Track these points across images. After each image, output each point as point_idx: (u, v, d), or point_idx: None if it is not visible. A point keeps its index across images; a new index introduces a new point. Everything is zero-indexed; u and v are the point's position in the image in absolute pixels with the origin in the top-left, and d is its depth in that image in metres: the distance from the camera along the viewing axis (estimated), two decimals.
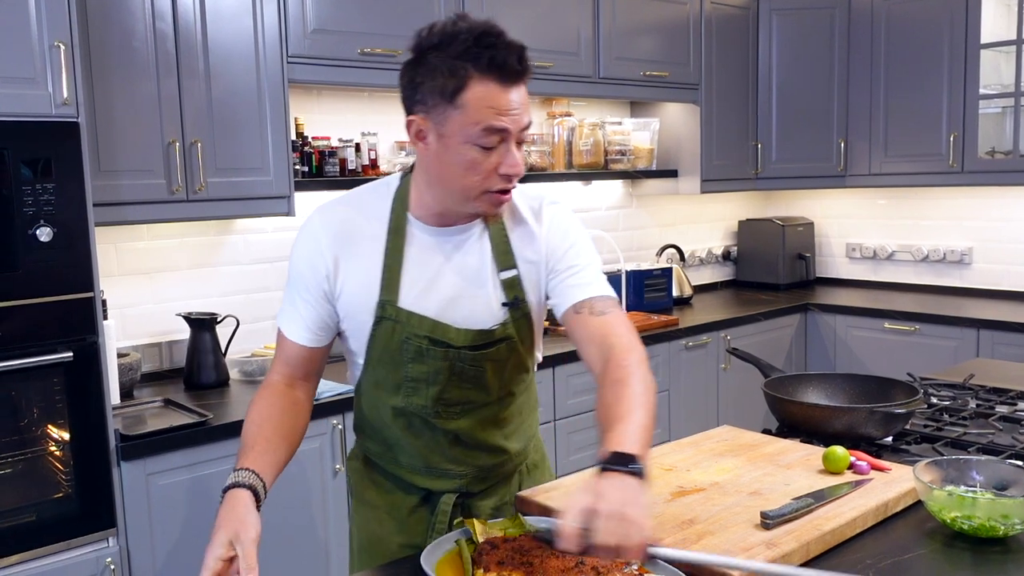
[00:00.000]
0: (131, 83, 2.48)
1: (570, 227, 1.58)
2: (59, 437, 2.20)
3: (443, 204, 1.49)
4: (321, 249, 1.51)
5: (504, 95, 1.37)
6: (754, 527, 1.37)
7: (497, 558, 1.27)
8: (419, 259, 1.51)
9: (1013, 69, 3.83)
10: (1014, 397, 2.25)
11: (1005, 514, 1.37)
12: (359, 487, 1.71)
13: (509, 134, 1.39)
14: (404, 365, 1.52)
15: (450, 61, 1.36)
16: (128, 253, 2.86)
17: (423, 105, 1.40)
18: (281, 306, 1.60)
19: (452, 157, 1.40)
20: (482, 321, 1.52)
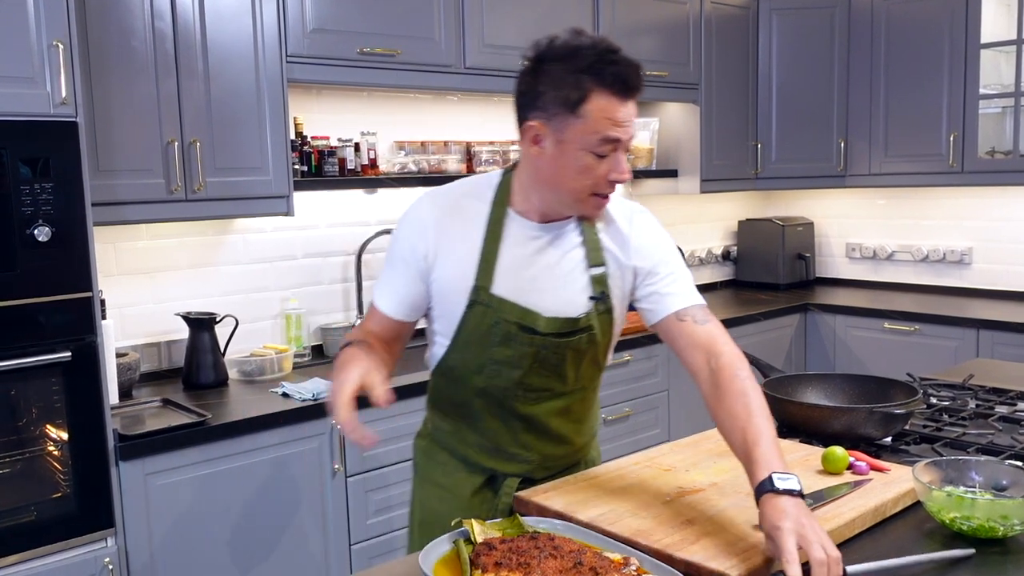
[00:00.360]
0: (130, 83, 2.47)
1: (663, 237, 1.70)
2: (57, 437, 2.20)
3: (547, 203, 1.60)
4: (425, 231, 1.61)
5: (621, 108, 1.48)
6: (753, 528, 1.37)
7: (495, 559, 1.26)
8: (514, 250, 1.61)
9: (1013, 69, 3.82)
10: (1014, 397, 2.25)
11: (1004, 515, 1.37)
12: (424, 466, 1.81)
13: (621, 144, 1.50)
14: (491, 348, 1.61)
15: (574, 74, 1.46)
16: (127, 253, 2.86)
17: (543, 112, 1.50)
18: (376, 284, 1.70)
19: (568, 161, 1.50)
20: (568, 311, 1.62)
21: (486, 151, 3.53)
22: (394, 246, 1.67)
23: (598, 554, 1.29)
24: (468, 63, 3.20)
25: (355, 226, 3.38)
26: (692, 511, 1.45)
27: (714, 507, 1.47)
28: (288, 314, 3.17)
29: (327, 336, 3.26)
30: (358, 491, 2.71)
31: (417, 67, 3.07)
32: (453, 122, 3.61)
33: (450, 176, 3.42)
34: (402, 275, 1.64)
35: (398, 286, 1.65)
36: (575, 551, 1.28)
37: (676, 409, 3.75)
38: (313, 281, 3.30)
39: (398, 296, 1.65)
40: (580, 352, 1.64)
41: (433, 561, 1.31)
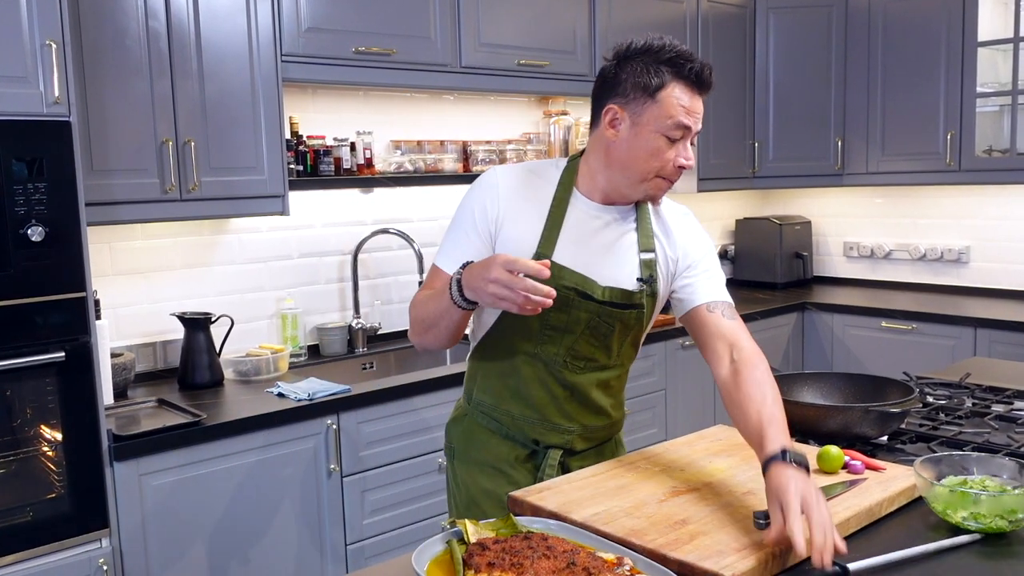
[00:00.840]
0: (124, 82, 2.47)
1: (706, 237, 1.84)
2: (52, 437, 2.19)
3: (613, 185, 1.72)
4: (498, 196, 1.72)
5: (694, 100, 1.64)
6: (747, 527, 1.36)
7: (488, 559, 1.26)
8: (576, 226, 1.73)
9: (1010, 67, 3.82)
10: (1010, 396, 2.25)
11: (1012, 509, 1.37)
12: (464, 448, 1.87)
13: (690, 132, 1.64)
14: (547, 313, 1.65)
15: (656, 64, 1.62)
16: (122, 252, 2.85)
17: (622, 97, 1.65)
18: (441, 245, 1.77)
19: (641, 143, 1.64)
20: (621, 283, 1.73)
21: (482, 150, 3.53)
22: (463, 209, 1.76)
23: (592, 554, 1.28)
24: (464, 62, 3.19)
25: (351, 225, 3.37)
26: (686, 511, 1.44)
27: (709, 507, 1.46)
28: (284, 314, 3.16)
29: (323, 336, 3.26)
30: (354, 491, 2.70)
31: (413, 66, 3.06)
32: (449, 121, 3.60)
33: (446, 176, 3.42)
34: (469, 237, 1.72)
35: (465, 247, 1.72)
36: (568, 551, 1.27)
37: (673, 409, 3.75)
38: (309, 281, 3.29)
39: (465, 257, 1.68)
40: (627, 327, 1.76)
41: (426, 561, 1.31)
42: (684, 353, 3.76)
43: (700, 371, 3.85)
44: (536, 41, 3.40)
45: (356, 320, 3.33)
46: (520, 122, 3.84)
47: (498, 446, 1.82)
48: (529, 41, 3.38)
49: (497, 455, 1.82)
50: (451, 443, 1.92)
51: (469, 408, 1.88)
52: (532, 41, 3.39)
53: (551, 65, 3.45)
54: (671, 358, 3.72)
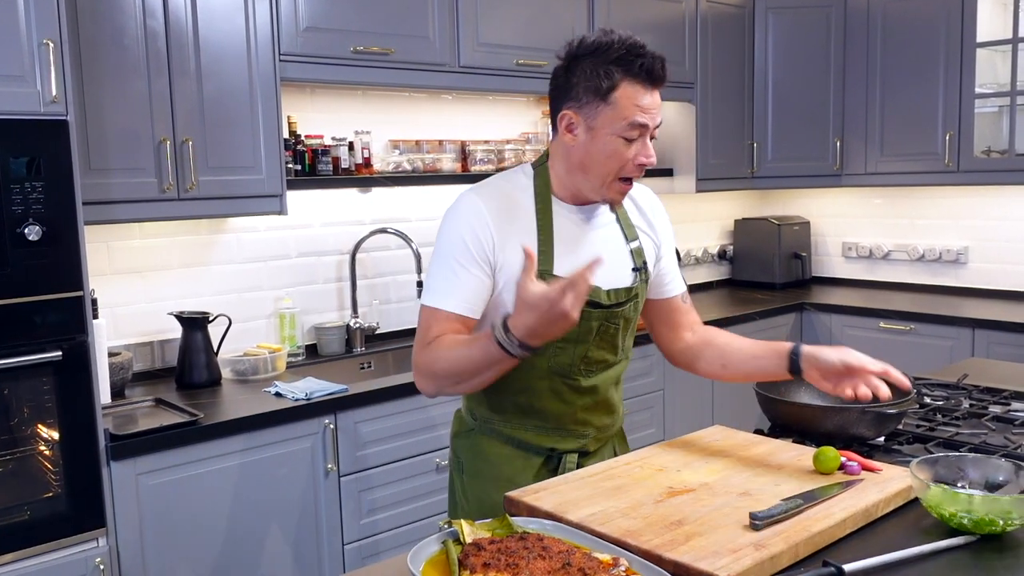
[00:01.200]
0: (122, 81, 2.47)
1: (668, 219, 1.92)
2: (48, 436, 2.19)
3: (579, 188, 1.72)
4: (486, 221, 1.66)
5: (648, 96, 1.63)
6: (743, 528, 1.36)
7: (483, 559, 1.26)
8: (566, 232, 1.73)
9: (1009, 68, 3.82)
10: (1007, 397, 2.24)
11: (1006, 510, 1.37)
12: (473, 463, 1.85)
13: (648, 129, 1.64)
14: None
15: (605, 65, 1.61)
16: (120, 252, 2.85)
17: (576, 102, 1.64)
18: (430, 285, 1.68)
19: (598, 146, 1.64)
20: (623, 282, 1.77)
21: (481, 150, 3.53)
22: (450, 243, 1.66)
23: (587, 555, 1.28)
24: (463, 62, 3.19)
25: (349, 225, 3.37)
26: (682, 511, 1.44)
27: (705, 507, 1.46)
28: (282, 313, 3.16)
29: (321, 335, 3.26)
30: (351, 491, 2.70)
31: (411, 66, 3.06)
32: (448, 121, 3.60)
33: (445, 175, 3.42)
34: (469, 270, 1.66)
35: (465, 282, 1.65)
36: (564, 552, 1.27)
37: (671, 409, 3.74)
38: (307, 280, 3.29)
39: (465, 293, 1.65)
40: (628, 321, 1.80)
41: (422, 561, 1.31)
42: None
43: None
44: (535, 41, 3.40)
45: (354, 320, 3.33)
46: (518, 122, 3.83)
47: (511, 460, 1.81)
48: (528, 41, 3.38)
49: (512, 469, 1.80)
50: (458, 457, 1.90)
51: (476, 424, 1.86)
52: (531, 41, 3.39)
53: (550, 65, 3.41)
54: None
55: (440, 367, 1.63)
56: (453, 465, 1.92)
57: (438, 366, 1.63)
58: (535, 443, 1.80)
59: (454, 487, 1.93)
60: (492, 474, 1.80)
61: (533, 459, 1.81)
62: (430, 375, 1.66)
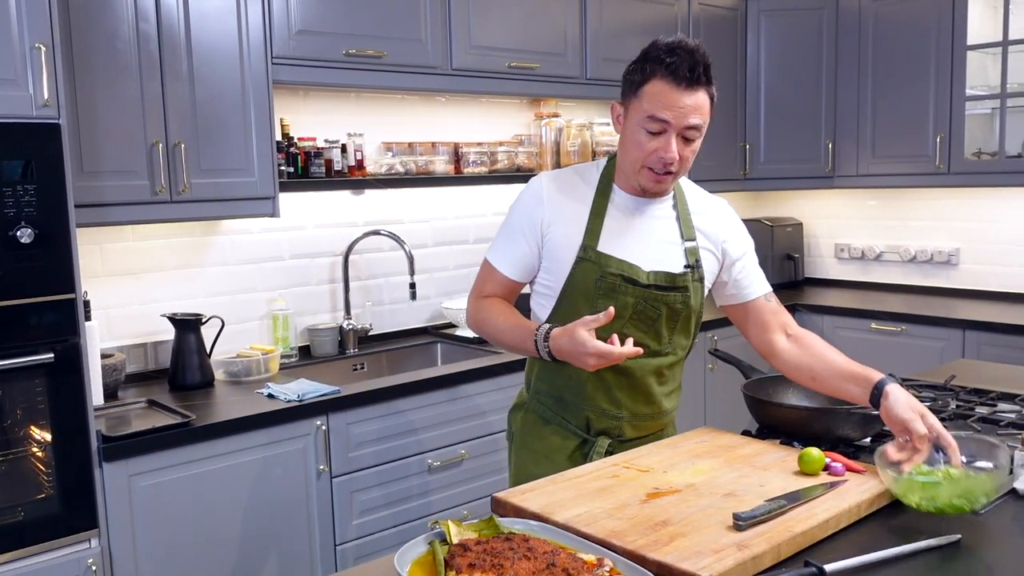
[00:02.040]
0: (114, 84, 2.47)
1: (744, 228, 2.03)
2: (41, 438, 2.20)
3: (625, 173, 1.86)
4: (541, 201, 1.88)
5: (674, 94, 1.73)
6: (726, 529, 1.38)
7: (469, 560, 1.27)
8: (618, 216, 1.88)
9: (999, 70, 3.84)
10: (994, 398, 2.26)
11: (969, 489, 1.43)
12: (521, 435, 2.02)
13: (670, 126, 1.74)
14: (595, 300, 1.83)
15: (643, 62, 1.77)
16: (113, 254, 2.86)
17: (623, 95, 1.83)
18: (493, 244, 1.96)
19: (628, 136, 1.81)
20: (666, 266, 1.87)
21: (474, 152, 3.54)
22: (513, 214, 1.93)
23: (572, 555, 1.29)
24: (455, 65, 3.20)
25: (342, 227, 3.38)
26: (667, 512, 1.46)
27: (690, 508, 1.47)
28: (275, 315, 3.17)
29: (314, 337, 3.27)
30: (343, 492, 2.71)
31: (404, 69, 3.07)
32: (441, 123, 3.61)
33: (438, 177, 3.43)
34: (518, 241, 1.90)
35: (515, 250, 1.91)
36: (549, 552, 1.29)
37: None
38: (300, 282, 3.30)
39: (515, 259, 1.91)
40: (675, 312, 1.88)
41: (409, 562, 1.32)
42: None
43: (690, 372, 3.86)
44: (527, 43, 3.41)
45: (347, 321, 3.34)
46: (511, 124, 3.85)
47: (551, 436, 1.96)
48: (520, 43, 3.39)
49: (550, 445, 1.95)
50: (512, 428, 2.07)
51: (528, 397, 2.03)
52: (523, 43, 3.40)
53: (542, 67, 3.46)
54: None
55: (486, 329, 1.94)
56: (508, 439, 2.10)
57: (485, 327, 1.94)
58: (573, 421, 1.93)
59: (509, 461, 2.10)
60: (534, 447, 1.97)
61: (570, 439, 1.94)
62: (475, 324, 1.98)
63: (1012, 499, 1.58)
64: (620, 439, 1.93)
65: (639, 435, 1.96)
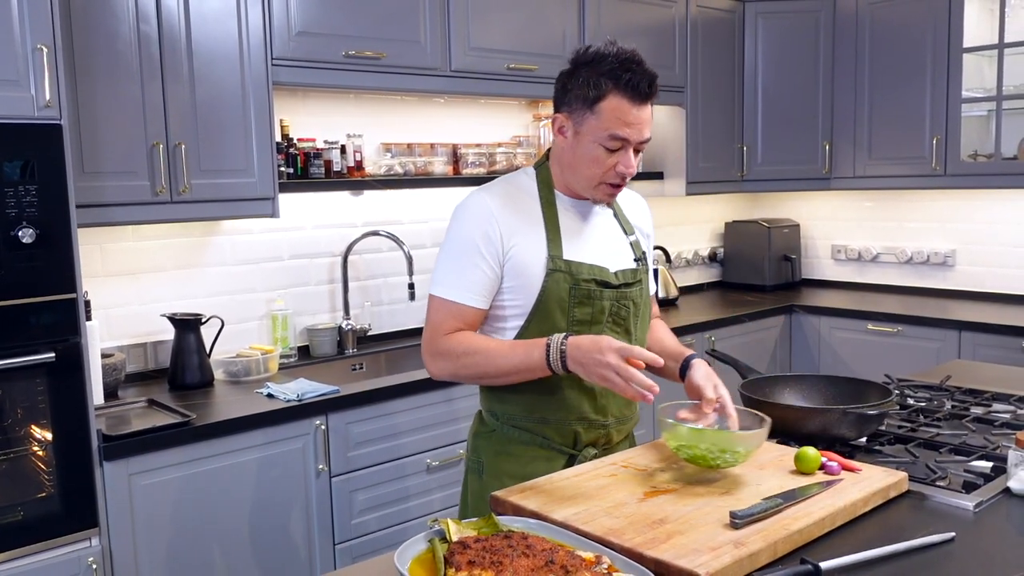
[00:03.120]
0: (115, 85, 2.49)
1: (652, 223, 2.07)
2: (42, 437, 2.21)
3: (572, 185, 1.84)
4: (492, 217, 1.78)
5: (632, 110, 1.71)
6: (723, 527, 1.39)
7: (468, 558, 1.28)
8: (570, 222, 1.85)
9: (995, 72, 3.86)
10: (989, 398, 2.28)
11: (721, 447, 1.60)
12: (493, 463, 1.89)
13: (629, 143, 1.73)
14: (571, 310, 1.79)
15: (596, 76, 1.71)
16: (113, 254, 2.87)
17: (568, 107, 1.76)
18: (443, 278, 1.80)
19: (583, 151, 1.76)
20: (626, 264, 1.88)
21: (472, 153, 3.55)
22: (461, 240, 1.79)
23: (570, 553, 1.31)
24: (454, 66, 3.21)
25: (341, 227, 3.40)
26: (664, 510, 1.47)
27: (686, 507, 1.49)
28: (274, 315, 3.19)
29: (313, 337, 3.28)
30: (342, 491, 2.73)
31: (403, 70, 3.09)
32: (440, 124, 3.63)
33: (436, 178, 3.45)
34: (479, 266, 1.77)
35: (477, 276, 1.78)
36: (547, 550, 1.30)
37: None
38: (300, 282, 3.32)
39: (479, 286, 1.78)
40: (637, 306, 1.89)
41: (409, 560, 1.33)
42: None
43: None
44: (525, 45, 3.43)
45: (346, 321, 3.36)
46: (510, 125, 3.86)
47: (534, 461, 1.84)
48: (518, 45, 3.41)
49: (535, 468, 1.81)
50: (479, 458, 1.92)
51: (498, 424, 1.89)
52: (521, 45, 3.42)
53: (540, 69, 3.48)
54: None
55: (468, 361, 1.76)
56: (471, 467, 1.94)
57: (466, 360, 1.76)
58: (557, 438, 1.84)
59: (467, 489, 1.95)
60: (515, 473, 1.82)
61: (556, 459, 1.84)
62: (452, 359, 1.78)
63: (1006, 497, 1.59)
64: (605, 447, 1.89)
65: (620, 439, 1.94)
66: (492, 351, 1.75)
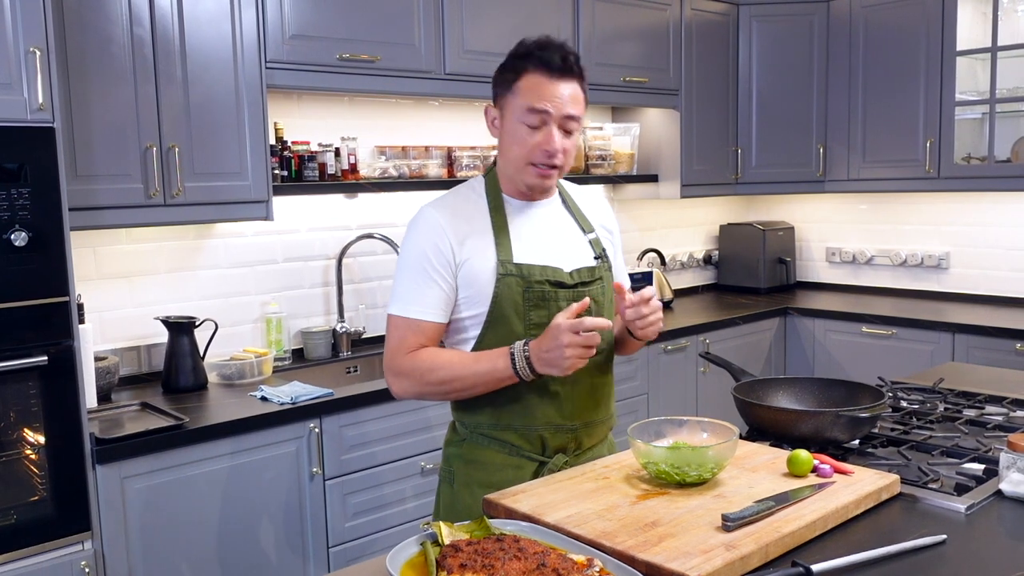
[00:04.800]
0: (109, 88, 2.49)
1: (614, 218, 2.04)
2: (34, 440, 2.20)
3: (511, 176, 1.83)
4: (444, 231, 1.78)
5: (549, 85, 1.74)
6: (715, 529, 1.40)
7: (460, 560, 1.28)
8: (520, 225, 1.84)
9: (988, 75, 3.87)
10: (982, 401, 2.28)
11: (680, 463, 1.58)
12: (464, 472, 1.87)
13: (549, 116, 1.74)
14: (526, 314, 1.78)
15: (513, 60, 1.79)
16: (107, 257, 2.87)
17: (495, 97, 1.82)
18: (399, 295, 1.80)
19: (508, 134, 1.78)
20: (582, 262, 1.86)
21: (467, 156, 3.55)
22: (412, 256, 1.79)
23: (562, 556, 1.31)
24: (448, 69, 3.22)
25: (336, 230, 3.39)
26: (656, 513, 1.47)
27: (678, 509, 1.49)
28: (269, 318, 3.18)
29: (308, 340, 3.28)
30: (336, 494, 2.72)
31: (397, 73, 3.09)
32: (434, 127, 3.63)
33: (431, 181, 3.45)
34: (434, 279, 1.77)
35: (434, 293, 1.78)
36: (539, 553, 1.30)
37: (655, 412, 3.78)
38: (294, 285, 3.31)
39: (437, 302, 1.78)
40: (599, 305, 1.85)
41: (401, 563, 1.33)
42: (666, 357, 3.79)
43: (682, 375, 3.89)
44: None
45: (340, 324, 3.36)
46: None
47: (503, 468, 1.82)
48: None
49: (503, 477, 1.79)
50: (450, 467, 1.91)
51: (467, 432, 1.88)
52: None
53: None
54: (653, 362, 3.75)
55: (434, 377, 1.76)
56: (443, 476, 1.93)
57: (432, 376, 1.76)
58: (525, 446, 1.82)
59: (440, 499, 1.94)
60: (484, 482, 1.80)
61: (525, 466, 1.82)
62: (415, 378, 1.78)
63: (997, 500, 1.60)
64: (576, 452, 1.86)
65: (593, 443, 1.90)
66: (455, 364, 1.75)
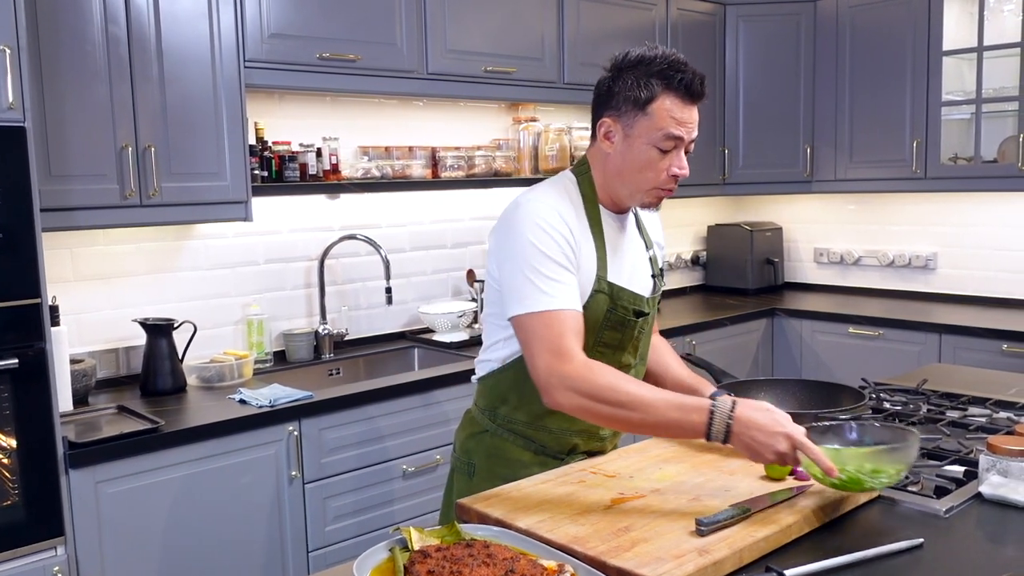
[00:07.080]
0: (83, 87, 2.45)
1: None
2: (6, 444, 2.17)
3: (616, 194, 1.78)
4: (569, 228, 1.71)
5: (685, 110, 1.69)
6: (689, 534, 1.37)
7: (428, 567, 1.26)
8: (611, 239, 1.80)
9: (975, 76, 3.86)
10: (964, 402, 2.27)
11: (875, 468, 1.44)
12: (486, 465, 1.85)
13: (683, 142, 1.70)
14: (600, 332, 1.77)
15: (646, 77, 1.68)
16: (84, 258, 2.83)
17: (616, 110, 1.72)
18: (538, 295, 1.64)
19: (634, 155, 1.71)
20: (649, 289, 1.87)
21: (451, 156, 3.53)
22: (540, 251, 1.66)
23: (532, 562, 1.28)
24: (431, 69, 3.19)
25: (318, 231, 3.36)
26: (630, 518, 1.45)
27: (653, 514, 1.47)
28: (250, 320, 3.15)
29: (289, 342, 3.25)
30: (316, 498, 2.69)
31: (379, 72, 3.06)
32: (418, 127, 3.60)
33: (415, 182, 3.42)
34: (566, 270, 1.69)
35: (569, 281, 1.68)
36: (509, 559, 1.28)
37: None
38: (276, 287, 3.28)
39: (575, 291, 1.69)
40: (650, 324, 1.89)
41: (369, 569, 1.30)
42: None
43: None
44: (503, 48, 3.40)
45: (323, 326, 3.32)
46: (489, 128, 3.84)
47: (529, 466, 1.81)
48: (496, 48, 3.38)
49: (528, 474, 1.75)
50: (470, 460, 1.88)
51: (493, 426, 1.86)
52: (499, 48, 3.40)
53: (519, 72, 3.45)
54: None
55: (623, 413, 1.57)
56: (460, 468, 1.91)
57: (622, 412, 1.56)
58: (555, 446, 1.83)
59: (453, 490, 1.91)
60: (508, 475, 1.77)
61: (550, 464, 1.81)
62: (590, 396, 1.58)
63: (977, 502, 1.58)
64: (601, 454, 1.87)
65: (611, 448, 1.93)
66: (647, 406, 1.55)
